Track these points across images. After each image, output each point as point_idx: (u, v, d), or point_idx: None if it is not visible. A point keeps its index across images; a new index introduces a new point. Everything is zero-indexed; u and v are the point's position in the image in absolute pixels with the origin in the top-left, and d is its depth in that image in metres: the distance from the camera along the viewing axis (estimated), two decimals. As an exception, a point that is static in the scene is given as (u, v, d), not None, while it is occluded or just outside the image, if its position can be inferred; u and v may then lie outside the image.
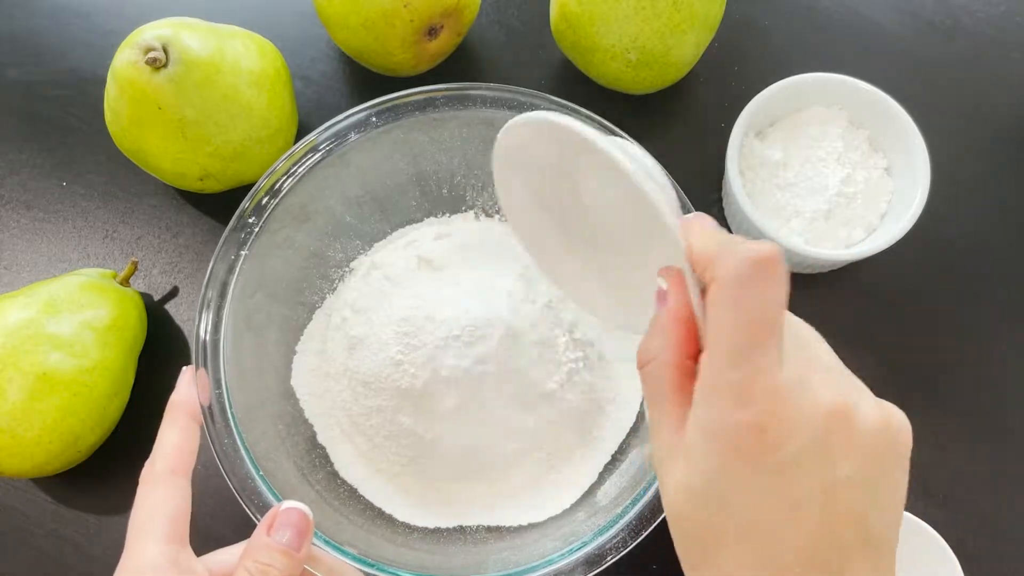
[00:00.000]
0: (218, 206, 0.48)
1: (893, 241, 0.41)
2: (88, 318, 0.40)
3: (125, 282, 0.44)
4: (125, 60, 0.38)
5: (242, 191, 0.45)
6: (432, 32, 0.44)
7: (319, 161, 0.38)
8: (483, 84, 0.39)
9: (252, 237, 0.37)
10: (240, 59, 0.40)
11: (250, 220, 0.37)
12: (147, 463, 0.32)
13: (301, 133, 0.47)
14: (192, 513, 0.32)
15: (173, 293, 0.46)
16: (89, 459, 0.41)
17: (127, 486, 0.43)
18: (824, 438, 0.22)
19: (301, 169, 0.38)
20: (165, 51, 0.38)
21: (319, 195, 0.40)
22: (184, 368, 0.34)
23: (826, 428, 0.22)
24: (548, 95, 0.39)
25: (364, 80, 0.50)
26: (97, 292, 0.41)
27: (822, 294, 0.46)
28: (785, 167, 0.44)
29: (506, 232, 0.44)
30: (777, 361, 0.23)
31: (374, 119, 0.39)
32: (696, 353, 0.25)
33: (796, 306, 0.40)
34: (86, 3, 0.52)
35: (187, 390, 0.33)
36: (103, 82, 0.41)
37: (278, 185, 0.38)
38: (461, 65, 0.50)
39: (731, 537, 0.23)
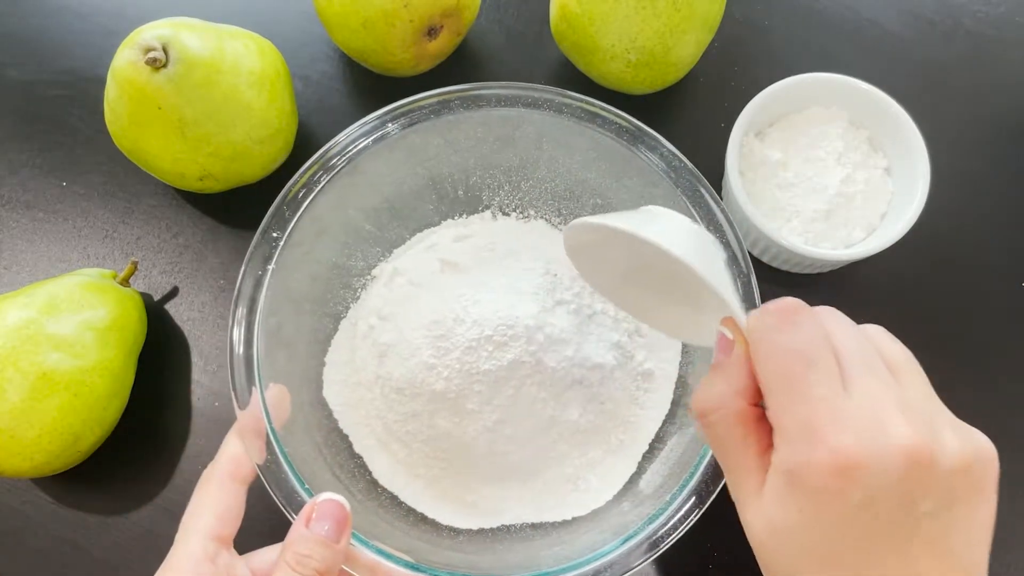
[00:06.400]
0: (218, 206, 0.48)
1: (893, 241, 0.41)
2: (88, 318, 0.40)
3: (125, 282, 0.44)
4: (125, 60, 0.38)
5: (242, 191, 0.46)
6: (432, 32, 0.44)
7: (337, 171, 0.38)
8: (497, 83, 0.39)
9: (277, 251, 0.36)
10: (240, 59, 0.40)
11: (274, 235, 0.37)
12: (208, 466, 0.33)
13: (301, 133, 0.47)
14: (254, 511, 0.33)
15: (173, 293, 0.46)
16: (89, 459, 0.41)
17: (127, 486, 0.43)
18: (903, 480, 0.23)
19: (320, 181, 0.38)
20: (165, 51, 0.38)
21: (339, 205, 0.39)
22: (253, 388, 0.34)
23: (904, 471, 0.23)
24: (563, 90, 0.39)
25: (364, 80, 0.50)
26: (97, 292, 0.41)
27: (822, 294, 0.46)
28: (785, 167, 0.44)
29: (525, 229, 0.44)
30: (836, 392, 0.24)
31: (390, 125, 0.38)
32: (759, 398, 0.26)
33: (796, 306, 0.40)
34: (86, 3, 0.52)
35: (257, 412, 0.34)
36: (103, 82, 0.41)
37: (299, 197, 0.37)
38: (461, 65, 0.50)
39: (813, 569, 0.24)
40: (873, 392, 0.24)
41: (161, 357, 0.45)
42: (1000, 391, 0.45)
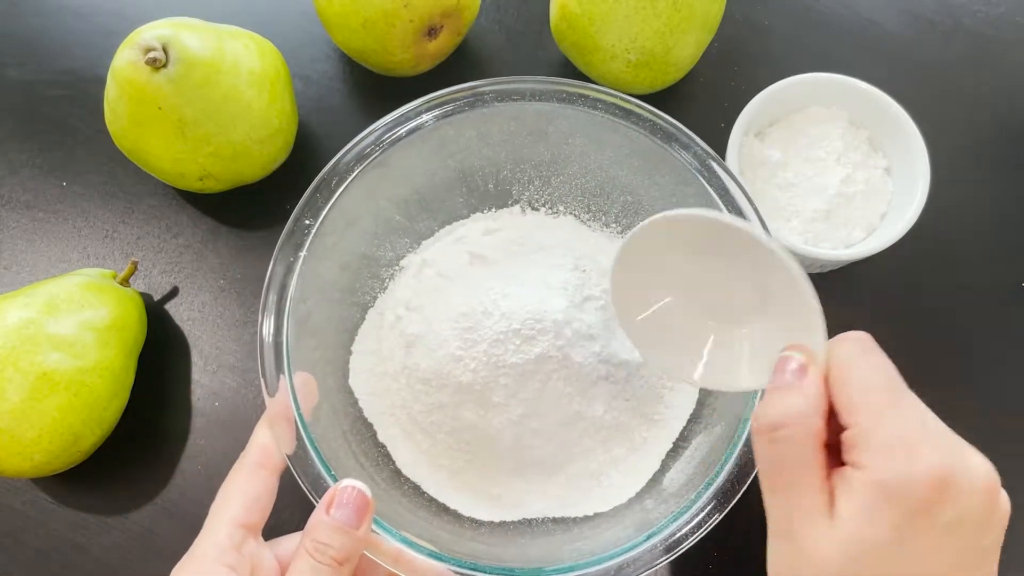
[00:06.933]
0: (218, 206, 0.48)
1: (893, 241, 0.41)
2: (88, 318, 0.40)
3: (125, 282, 0.44)
4: (125, 60, 0.38)
5: (242, 191, 0.46)
6: (432, 32, 0.44)
7: (371, 161, 0.38)
8: (532, 77, 0.39)
9: (308, 239, 0.37)
10: (240, 59, 0.40)
11: (307, 222, 0.37)
12: (240, 456, 0.34)
13: (301, 133, 0.47)
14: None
15: (173, 293, 0.46)
16: (89, 459, 0.41)
17: (127, 486, 0.43)
18: (984, 506, 0.24)
19: (353, 169, 0.38)
20: (165, 51, 0.38)
21: (370, 195, 0.39)
22: (281, 376, 0.35)
23: (986, 496, 0.24)
24: (598, 86, 0.39)
25: (364, 80, 0.50)
26: (97, 292, 0.41)
27: (822, 294, 0.46)
28: (785, 167, 0.44)
29: (554, 225, 0.44)
30: (923, 412, 0.25)
31: (424, 116, 0.38)
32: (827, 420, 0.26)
33: (796, 306, 0.41)
34: (86, 3, 0.52)
35: (286, 399, 0.34)
36: (103, 82, 0.41)
37: (332, 185, 0.37)
38: (461, 65, 0.50)
39: None
40: (937, 419, 0.25)
41: (161, 357, 0.45)
42: (1000, 391, 0.45)
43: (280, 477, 0.34)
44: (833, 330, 0.48)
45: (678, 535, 0.33)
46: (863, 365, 0.26)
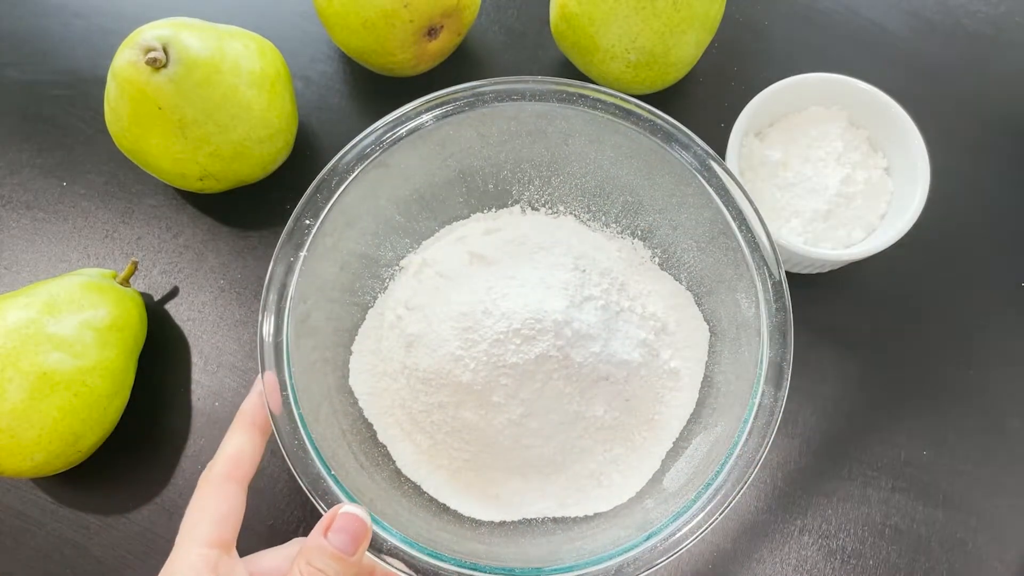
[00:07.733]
0: (218, 206, 0.48)
1: (893, 241, 0.41)
2: (88, 318, 0.40)
3: (125, 282, 0.44)
4: (125, 60, 0.38)
5: (242, 191, 0.46)
6: (432, 32, 0.44)
7: (371, 160, 0.38)
8: (532, 77, 0.39)
9: (309, 238, 0.37)
10: (240, 59, 0.40)
11: (307, 222, 0.37)
12: (207, 467, 0.33)
13: (301, 133, 0.47)
14: (257, 513, 0.32)
15: (173, 293, 0.46)
16: (89, 459, 0.41)
17: (127, 486, 0.43)
18: None
19: (353, 169, 0.38)
20: (165, 51, 0.38)
21: (370, 195, 0.39)
22: (257, 377, 0.34)
23: None
24: (598, 86, 0.39)
25: (364, 80, 0.50)
26: (97, 292, 0.41)
27: (822, 294, 0.46)
28: (785, 167, 0.44)
29: (555, 225, 0.44)
30: None
31: (424, 116, 0.38)
32: None
33: (796, 306, 0.41)
34: (86, 3, 0.52)
35: (256, 399, 0.34)
36: (103, 82, 0.41)
37: (332, 185, 0.37)
38: (461, 65, 0.50)
39: None
40: None
41: (161, 357, 0.45)
42: (1000, 391, 0.45)
43: (250, 487, 0.34)
44: (832, 330, 0.48)
45: (678, 535, 0.33)
46: None
